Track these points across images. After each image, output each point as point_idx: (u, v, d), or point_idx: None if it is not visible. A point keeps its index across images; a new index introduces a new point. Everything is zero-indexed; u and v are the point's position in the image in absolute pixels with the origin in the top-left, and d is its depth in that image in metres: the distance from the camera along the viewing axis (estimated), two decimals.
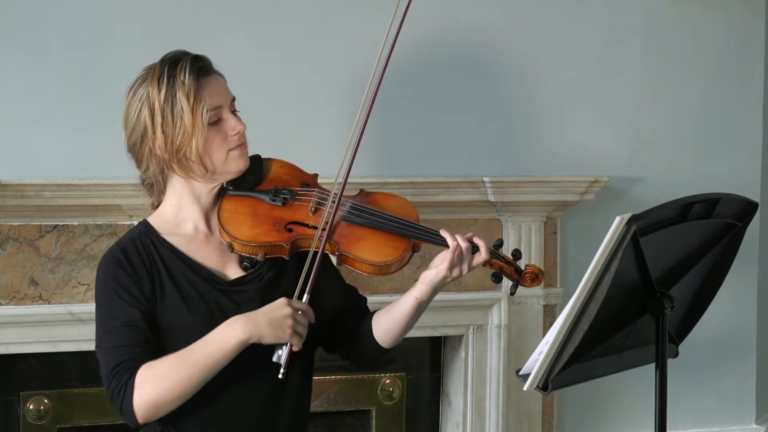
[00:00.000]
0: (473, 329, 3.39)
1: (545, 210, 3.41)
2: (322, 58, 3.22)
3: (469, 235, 2.21)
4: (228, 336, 2.01)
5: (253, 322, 2.01)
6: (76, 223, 3.02)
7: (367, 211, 2.21)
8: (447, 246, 2.18)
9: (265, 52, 3.15)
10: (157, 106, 2.10)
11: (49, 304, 3.01)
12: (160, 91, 2.10)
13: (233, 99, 2.17)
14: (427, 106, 3.32)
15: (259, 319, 2.02)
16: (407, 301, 2.21)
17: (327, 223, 2.15)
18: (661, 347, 1.96)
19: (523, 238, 3.39)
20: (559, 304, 3.43)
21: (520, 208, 3.37)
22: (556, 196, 3.39)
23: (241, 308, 2.14)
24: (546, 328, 3.34)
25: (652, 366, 1.98)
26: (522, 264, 2.25)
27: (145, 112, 2.11)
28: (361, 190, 2.30)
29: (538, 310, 3.44)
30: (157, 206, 2.23)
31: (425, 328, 3.27)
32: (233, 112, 2.17)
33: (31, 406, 3.07)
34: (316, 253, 2.12)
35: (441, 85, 3.33)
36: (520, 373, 2.06)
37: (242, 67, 2.37)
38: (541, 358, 1.91)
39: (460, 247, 2.17)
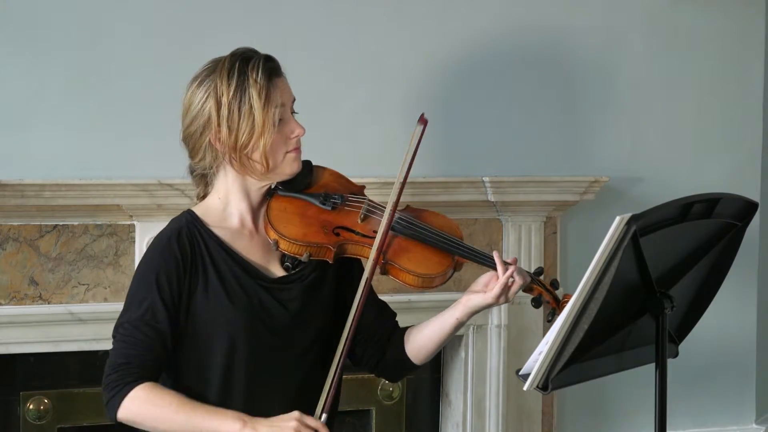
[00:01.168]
0: (473, 329, 3.39)
1: (545, 210, 3.41)
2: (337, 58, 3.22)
3: (513, 259, 2.23)
4: (225, 421, 2.01)
5: (254, 427, 2.01)
6: (76, 223, 3.02)
7: (415, 224, 2.22)
8: (491, 267, 2.20)
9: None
10: (224, 99, 2.10)
11: (49, 304, 3.01)
12: (229, 85, 2.11)
13: (293, 100, 2.20)
14: (427, 107, 3.31)
15: (262, 426, 2.01)
16: (448, 322, 2.23)
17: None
18: (661, 347, 1.96)
19: (522, 238, 3.39)
20: None
21: (520, 208, 3.37)
22: (556, 196, 3.39)
23: (284, 306, 2.16)
24: (546, 328, 3.34)
25: (652, 366, 1.98)
26: (560, 294, 2.30)
27: (211, 104, 2.11)
28: (408, 206, 2.31)
29: (537, 310, 3.43)
30: (203, 197, 2.23)
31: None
32: (292, 113, 2.19)
33: (31, 406, 3.07)
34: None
35: (441, 86, 3.32)
36: (520, 373, 2.06)
37: None
38: (541, 358, 1.91)
39: (512, 274, 2.19)
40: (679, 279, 2.00)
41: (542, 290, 2.27)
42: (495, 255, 2.20)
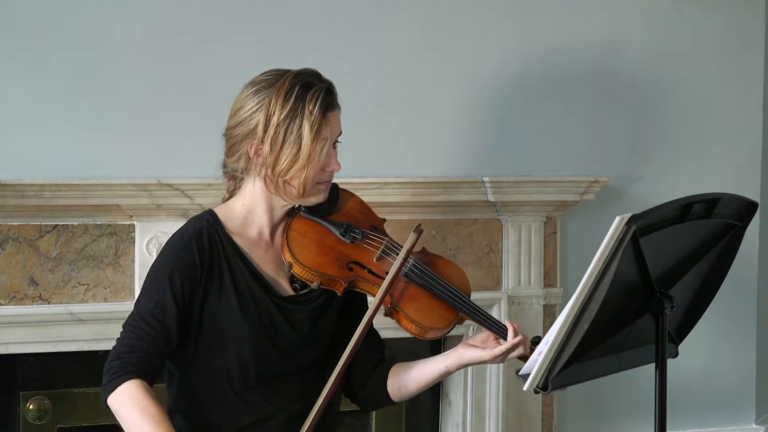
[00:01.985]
0: (473, 329, 3.38)
1: (545, 210, 3.41)
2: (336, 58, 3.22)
3: (516, 324, 2.23)
4: None
5: None
6: (76, 223, 3.02)
7: (428, 274, 2.22)
8: (494, 331, 2.21)
9: (268, 52, 3.15)
10: (274, 119, 2.09)
11: (48, 304, 3.01)
12: (284, 107, 2.09)
13: (340, 134, 2.20)
14: (427, 107, 3.32)
15: None
16: (436, 368, 2.24)
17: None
18: (661, 347, 1.96)
19: (522, 238, 3.39)
20: (559, 304, 3.43)
21: (520, 208, 3.37)
22: (556, 196, 3.39)
23: (293, 326, 2.17)
24: (546, 328, 3.34)
25: (652, 366, 1.98)
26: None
27: (260, 117, 2.10)
28: (424, 249, 2.31)
29: (538, 310, 3.44)
30: (228, 198, 2.23)
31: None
32: (335, 143, 2.19)
33: (31, 406, 3.07)
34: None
35: (441, 86, 3.32)
36: (520, 373, 2.07)
37: (241, 66, 2.37)
38: (540, 358, 1.91)
39: (520, 342, 2.18)
40: (679, 279, 2.00)
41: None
42: (507, 323, 2.21)
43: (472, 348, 2.21)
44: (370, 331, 2.30)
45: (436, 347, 3.35)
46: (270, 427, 2.15)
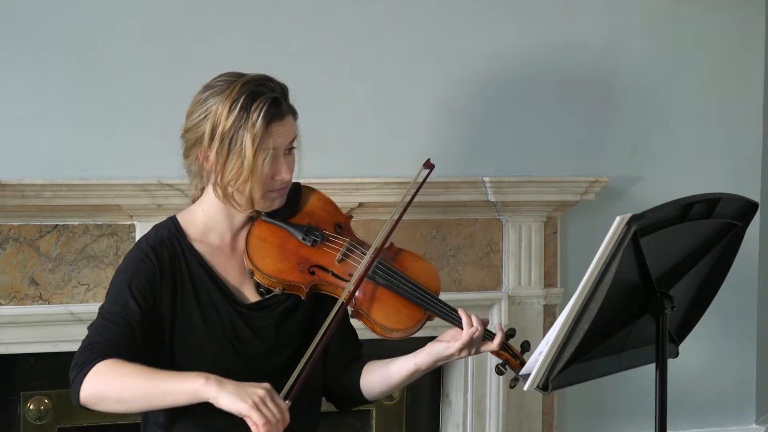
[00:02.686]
0: None
1: (545, 210, 3.41)
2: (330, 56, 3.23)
3: (486, 319, 2.20)
4: (190, 379, 1.92)
5: (219, 383, 1.91)
6: (76, 223, 3.02)
7: (392, 274, 2.19)
8: (459, 326, 2.17)
9: (268, 52, 3.15)
10: (219, 129, 2.07)
11: (49, 304, 3.01)
12: (228, 117, 2.06)
13: (294, 137, 2.15)
14: (427, 107, 3.32)
15: (228, 384, 1.92)
16: (406, 366, 2.20)
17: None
18: (662, 347, 1.96)
19: (523, 238, 3.39)
20: (560, 304, 3.43)
21: (521, 208, 3.37)
22: (557, 196, 3.39)
23: (256, 334, 2.14)
24: (546, 328, 3.34)
25: (653, 366, 1.98)
26: (528, 357, 2.24)
27: (207, 127, 2.08)
28: (391, 244, 2.26)
29: (538, 310, 3.44)
30: (195, 200, 2.21)
31: (425, 328, 3.26)
32: (290, 149, 2.14)
33: (31, 406, 3.07)
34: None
35: (441, 86, 3.32)
36: (521, 373, 2.07)
37: (241, 67, 2.37)
38: (541, 358, 1.91)
39: (477, 332, 2.15)
40: (679, 279, 2.00)
41: (508, 356, 2.22)
42: (460, 312, 2.17)
43: (439, 343, 2.18)
44: (348, 328, 2.29)
45: None
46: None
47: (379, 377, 2.24)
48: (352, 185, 3.14)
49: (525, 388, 1.95)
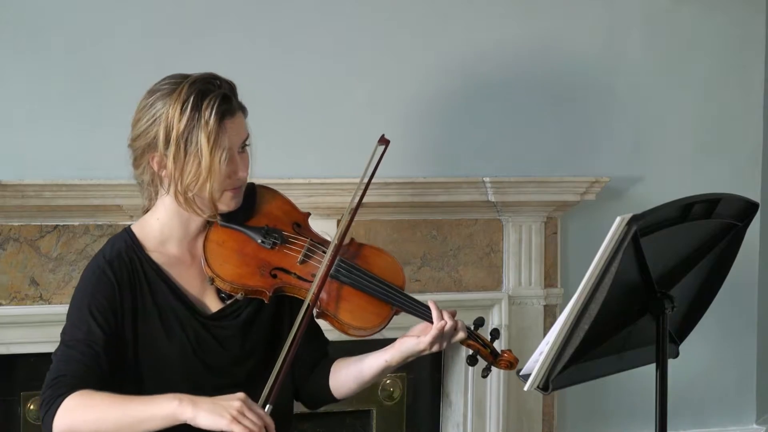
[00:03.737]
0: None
1: (546, 210, 3.41)
2: (327, 56, 3.23)
3: (452, 310, 2.16)
4: (164, 403, 1.88)
5: (193, 402, 1.87)
6: (76, 224, 3.02)
7: (355, 272, 2.14)
8: (427, 320, 2.13)
9: (268, 52, 3.15)
10: (174, 134, 2.02)
11: (49, 304, 3.01)
12: (180, 119, 2.02)
13: (247, 137, 2.10)
14: (428, 107, 3.32)
15: (202, 402, 1.88)
16: (376, 362, 2.15)
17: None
18: (662, 347, 1.96)
19: (523, 239, 3.39)
20: (560, 305, 3.43)
21: (521, 208, 3.37)
22: (557, 197, 3.39)
23: (222, 344, 2.11)
24: (546, 329, 3.34)
25: (653, 366, 1.98)
26: (498, 346, 2.21)
27: (159, 131, 2.04)
28: (352, 240, 2.21)
29: (538, 311, 3.44)
30: (146, 210, 2.17)
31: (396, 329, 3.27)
32: (243, 147, 2.10)
33: (31, 406, 3.07)
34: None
35: (441, 87, 3.32)
36: (521, 374, 2.06)
37: (240, 66, 2.37)
38: (541, 358, 1.91)
39: (446, 325, 2.10)
40: (679, 279, 2.00)
41: (479, 346, 2.18)
42: (431, 303, 2.14)
43: (409, 338, 2.13)
44: (313, 327, 2.24)
45: None
46: None
47: (349, 376, 2.19)
48: (353, 185, 3.13)
49: (525, 389, 1.95)
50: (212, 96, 2.03)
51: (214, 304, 2.14)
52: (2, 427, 3.09)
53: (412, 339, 2.12)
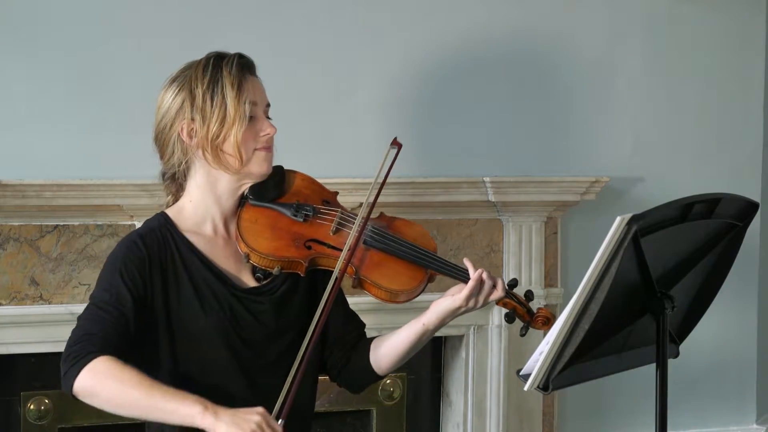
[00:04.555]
0: (474, 329, 3.39)
1: (546, 210, 3.41)
2: (341, 59, 3.23)
3: (485, 271, 2.19)
4: (185, 404, 1.91)
5: (215, 413, 1.90)
6: (76, 224, 3.02)
7: (389, 237, 2.19)
8: (465, 281, 2.15)
9: (269, 52, 3.15)
10: (198, 91, 2.10)
11: (49, 304, 3.01)
12: (204, 76, 2.11)
13: (268, 105, 2.19)
14: (428, 107, 3.32)
15: (224, 413, 1.90)
16: (414, 328, 2.18)
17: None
18: (662, 347, 1.96)
19: (523, 239, 3.39)
20: (560, 304, 3.43)
21: (521, 208, 3.37)
22: (557, 197, 3.39)
23: (257, 318, 2.14)
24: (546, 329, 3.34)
25: (653, 366, 1.98)
26: (534, 306, 2.25)
27: (185, 95, 2.11)
28: (381, 214, 2.28)
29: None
30: (174, 202, 2.21)
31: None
32: (266, 112, 2.18)
33: (31, 406, 3.08)
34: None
35: (442, 87, 3.33)
36: (521, 373, 2.06)
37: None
38: (541, 358, 1.91)
39: (482, 277, 2.14)
40: (679, 279, 2.00)
41: (515, 304, 2.21)
42: (466, 261, 2.17)
43: (444, 298, 2.16)
44: (347, 310, 2.29)
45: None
46: None
47: (389, 348, 2.22)
48: (353, 185, 3.13)
49: (525, 388, 1.95)
50: (230, 57, 2.15)
51: (250, 283, 2.17)
52: (2, 427, 3.09)
53: (448, 299, 2.16)
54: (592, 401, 3.58)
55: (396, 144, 2.30)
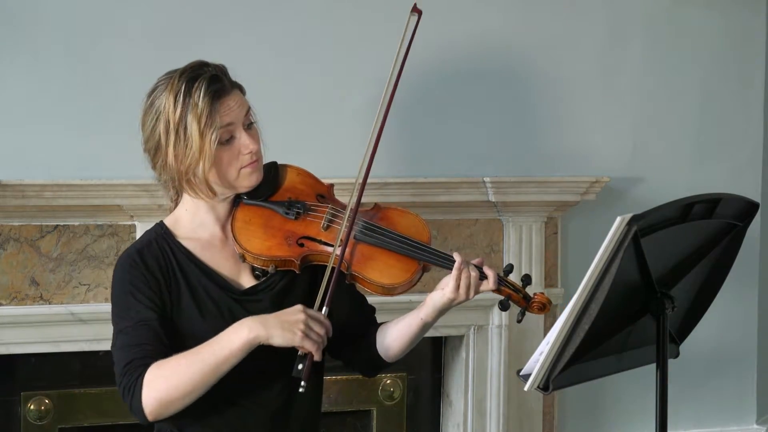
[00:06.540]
0: (474, 329, 3.39)
1: (546, 210, 3.41)
2: (335, 58, 3.22)
3: (479, 260, 2.20)
4: (234, 335, 1.99)
5: (262, 322, 2.00)
6: (76, 224, 3.02)
7: (379, 231, 2.19)
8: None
9: (268, 52, 3.15)
10: (171, 125, 2.08)
11: (49, 304, 3.01)
12: (175, 108, 2.08)
13: (248, 110, 2.15)
14: (428, 107, 3.32)
15: (269, 320, 2.01)
16: (413, 321, 2.20)
17: (342, 242, 2.13)
18: (662, 347, 1.96)
19: (523, 239, 3.39)
20: (560, 305, 3.43)
21: (521, 208, 3.37)
22: (557, 197, 3.39)
23: None
24: (547, 329, 3.34)
25: (653, 366, 1.98)
26: (531, 291, 2.24)
27: (160, 127, 2.10)
28: (375, 204, 2.28)
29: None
30: (173, 208, 2.22)
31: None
32: (249, 124, 2.15)
33: (32, 407, 3.08)
34: (333, 267, 2.11)
35: (442, 86, 3.33)
36: (521, 374, 2.06)
37: (242, 67, 2.36)
38: (541, 358, 1.91)
39: (466, 268, 2.14)
40: (680, 279, 2.00)
41: (510, 291, 2.21)
42: (455, 254, 2.17)
43: (436, 291, 2.17)
44: (357, 296, 2.31)
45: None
46: (258, 420, 2.14)
47: (392, 337, 2.24)
48: (352, 185, 3.13)
49: (525, 389, 1.95)
50: (200, 79, 2.09)
51: (248, 282, 2.18)
52: (2, 427, 3.09)
53: (438, 292, 2.17)
54: (592, 401, 3.58)
55: (416, 11, 2.25)
